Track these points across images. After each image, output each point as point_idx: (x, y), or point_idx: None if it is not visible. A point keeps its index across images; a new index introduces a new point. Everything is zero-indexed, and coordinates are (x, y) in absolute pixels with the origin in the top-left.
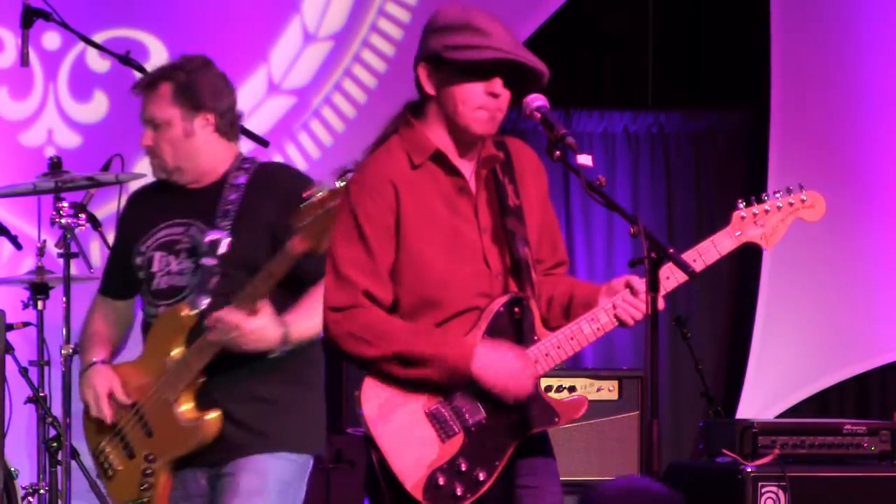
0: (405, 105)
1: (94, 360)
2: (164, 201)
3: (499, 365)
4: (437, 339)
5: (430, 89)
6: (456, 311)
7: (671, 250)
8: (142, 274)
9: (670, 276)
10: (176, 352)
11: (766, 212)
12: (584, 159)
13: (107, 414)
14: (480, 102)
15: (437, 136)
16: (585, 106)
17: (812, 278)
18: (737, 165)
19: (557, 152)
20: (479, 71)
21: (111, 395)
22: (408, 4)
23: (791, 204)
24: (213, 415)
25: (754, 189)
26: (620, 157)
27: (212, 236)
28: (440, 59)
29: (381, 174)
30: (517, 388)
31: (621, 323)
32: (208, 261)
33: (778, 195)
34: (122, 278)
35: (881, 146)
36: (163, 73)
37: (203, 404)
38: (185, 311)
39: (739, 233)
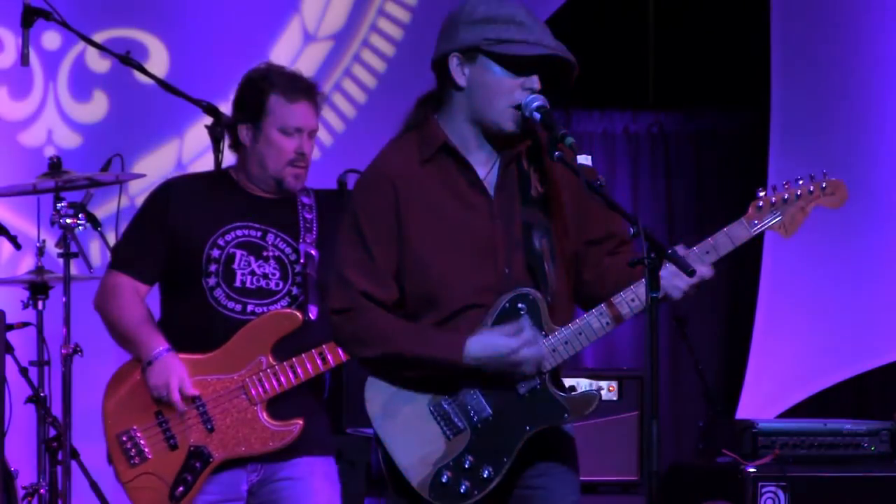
0: (422, 99)
1: (163, 347)
2: (233, 201)
3: (490, 341)
4: (427, 340)
5: (461, 81)
6: (455, 309)
7: (671, 250)
8: (213, 267)
9: (635, 299)
10: (269, 356)
11: (785, 200)
12: (584, 159)
13: (181, 405)
14: (516, 99)
15: (457, 128)
16: (585, 106)
17: (812, 278)
18: (737, 165)
19: (557, 152)
20: (519, 66)
21: (181, 387)
22: (408, 4)
23: (811, 191)
24: (300, 422)
25: (754, 189)
26: (620, 157)
27: (308, 250)
28: (477, 51)
29: (380, 172)
30: (523, 347)
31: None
32: (312, 273)
33: (799, 182)
34: (160, 264)
35: (881, 146)
36: (311, 83)
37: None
38: (299, 318)
39: (757, 222)
